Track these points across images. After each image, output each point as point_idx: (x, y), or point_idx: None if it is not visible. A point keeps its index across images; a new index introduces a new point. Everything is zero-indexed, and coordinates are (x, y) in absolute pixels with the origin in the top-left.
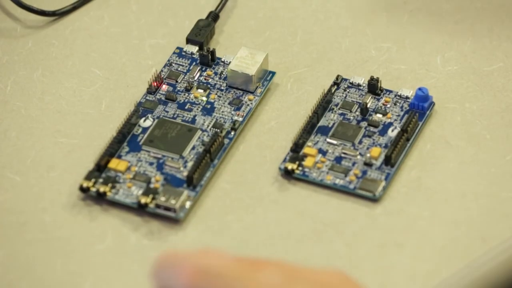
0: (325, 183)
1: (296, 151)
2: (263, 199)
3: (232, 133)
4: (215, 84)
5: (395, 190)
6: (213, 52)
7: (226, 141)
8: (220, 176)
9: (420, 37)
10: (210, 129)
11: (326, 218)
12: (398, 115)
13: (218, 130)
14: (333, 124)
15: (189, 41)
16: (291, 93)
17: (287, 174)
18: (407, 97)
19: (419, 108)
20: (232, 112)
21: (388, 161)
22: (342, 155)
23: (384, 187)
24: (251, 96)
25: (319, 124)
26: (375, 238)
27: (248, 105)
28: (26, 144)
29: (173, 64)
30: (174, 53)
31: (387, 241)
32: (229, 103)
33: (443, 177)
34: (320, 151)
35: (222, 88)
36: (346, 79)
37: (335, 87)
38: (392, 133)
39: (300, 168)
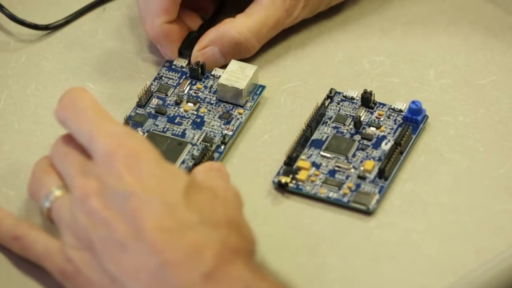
0: (319, 196)
1: (290, 165)
2: (257, 213)
3: (222, 147)
4: (205, 98)
5: (389, 203)
6: (203, 66)
7: (216, 155)
8: None
9: (413, 50)
10: (200, 143)
11: (320, 231)
12: (392, 128)
13: (208, 144)
14: (327, 137)
15: (180, 53)
16: (285, 107)
17: (281, 187)
18: (400, 110)
19: (413, 121)
20: (222, 126)
21: (382, 174)
22: (336, 168)
23: (377, 200)
24: (241, 110)
25: (312, 138)
26: (369, 251)
27: (238, 119)
28: (20, 158)
29: (163, 78)
30: (164, 66)
31: (381, 254)
32: (219, 117)
33: (437, 190)
34: (314, 164)
35: (212, 102)
36: (339, 93)
37: (329, 100)
38: (386, 146)
39: (293, 182)
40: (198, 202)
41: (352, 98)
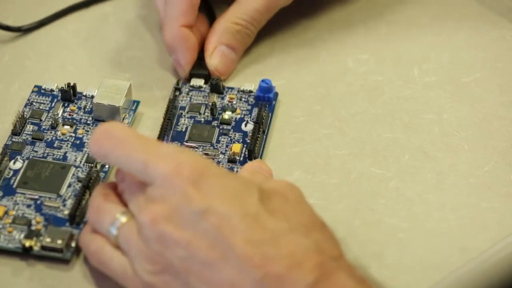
0: None
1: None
2: None
3: (107, 166)
4: (81, 118)
5: (374, 201)
6: (74, 87)
7: (102, 174)
8: None
9: (398, 48)
10: (84, 165)
11: None
12: (247, 110)
13: (92, 165)
14: (186, 128)
15: (193, 75)
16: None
17: None
18: (250, 91)
19: (265, 99)
20: None
21: (251, 155)
22: None
23: None
24: None
25: (172, 131)
26: (354, 250)
27: None
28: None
29: (34, 103)
30: (33, 91)
31: (366, 252)
32: None
33: (421, 188)
34: None
35: (89, 122)
36: (184, 84)
37: (178, 92)
38: (246, 127)
39: None
40: (276, 208)
41: (200, 87)
